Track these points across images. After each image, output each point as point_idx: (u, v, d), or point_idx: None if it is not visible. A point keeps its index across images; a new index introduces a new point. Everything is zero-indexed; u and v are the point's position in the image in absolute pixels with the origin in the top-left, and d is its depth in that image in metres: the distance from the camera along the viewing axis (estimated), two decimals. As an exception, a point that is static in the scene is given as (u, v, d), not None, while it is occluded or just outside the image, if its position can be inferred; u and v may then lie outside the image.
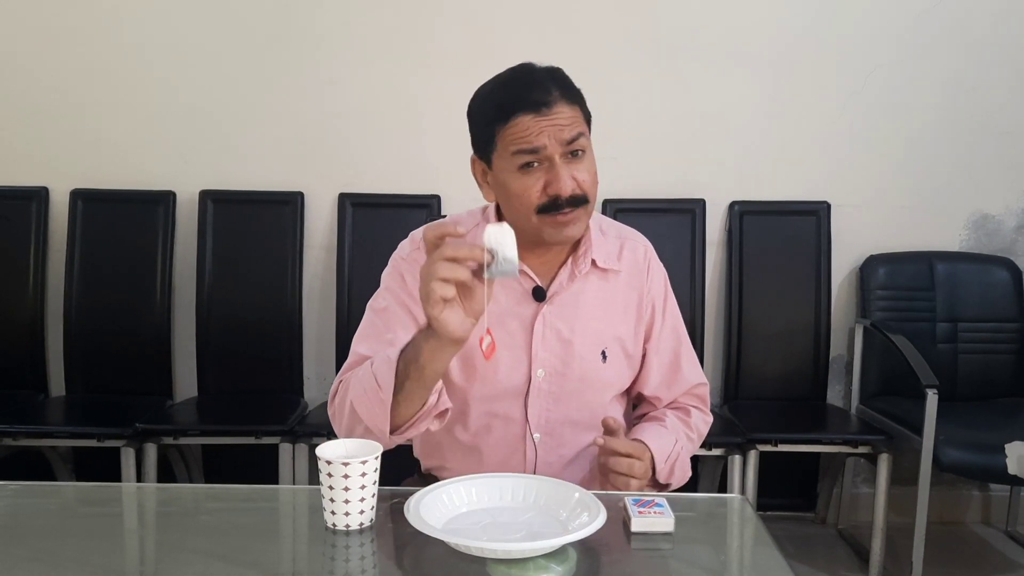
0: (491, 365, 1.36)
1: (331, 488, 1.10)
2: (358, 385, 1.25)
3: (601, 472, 1.30)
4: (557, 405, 1.39)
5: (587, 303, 1.40)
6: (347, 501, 1.11)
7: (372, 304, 1.40)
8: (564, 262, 1.39)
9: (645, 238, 1.50)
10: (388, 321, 1.36)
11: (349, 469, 1.09)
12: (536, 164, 1.27)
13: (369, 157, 2.80)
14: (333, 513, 1.12)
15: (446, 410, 1.30)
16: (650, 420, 1.46)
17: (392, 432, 1.24)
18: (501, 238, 1.07)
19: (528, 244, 1.33)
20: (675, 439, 1.39)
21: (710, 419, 1.53)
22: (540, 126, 1.25)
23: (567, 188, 1.27)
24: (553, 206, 1.27)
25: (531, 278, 1.38)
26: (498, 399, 1.38)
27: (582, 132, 1.29)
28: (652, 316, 1.46)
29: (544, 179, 1.27)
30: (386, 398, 1.19)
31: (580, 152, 1.29)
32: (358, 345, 1.36)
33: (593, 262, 1.39)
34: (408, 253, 1.40)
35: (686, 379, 1.49)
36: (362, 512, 1.12)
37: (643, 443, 1.32)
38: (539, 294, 1.37)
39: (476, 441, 1.40)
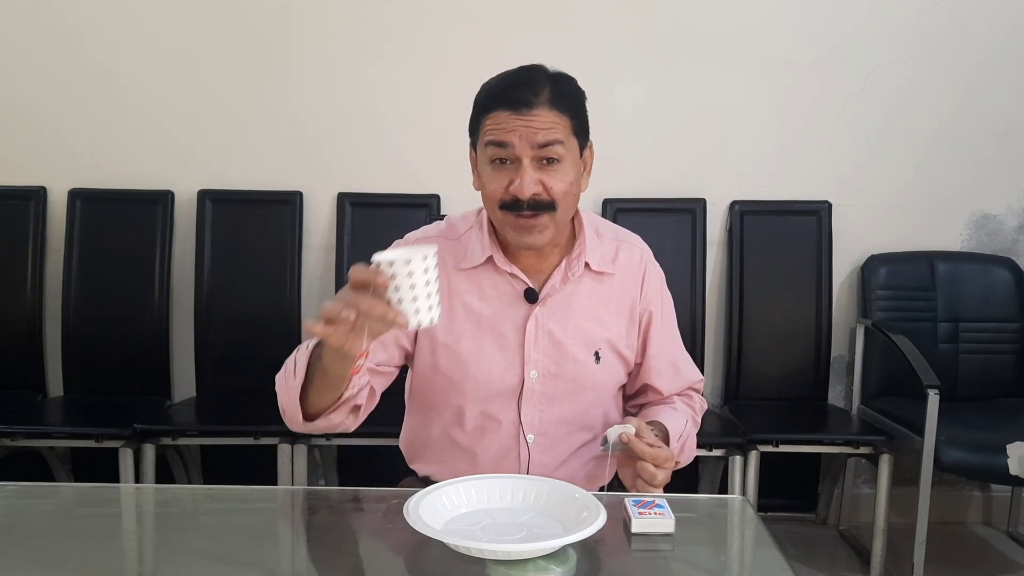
0: (484, 367, 1.37)
1: (397, 289, 1.02)
2: (282, 370, 1.29)
3: (620, 465, 1.30)
4: (550, 406, 1.39)
5: (579, 304, 1.40)
6: (415, 299, 1.03)
7: None
8: (557, 264, 1.40)
9: (643, 242, 1.51)
10: None
11: (412, 266, 1.02)
12: (508, 162, 1.29)
13: (368, 157, 2.79)
14: (417, 312, 1.04)
15: (359, 406, 1.31)
16: (659, 404, 1.48)
17: (307, 419, 1.27)
18: (619, 430, 1.24)
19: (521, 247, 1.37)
20: (685, 419, 1.43)
21: (706, 404, 1.58)
22: (513, 124, 1.26)
23: (527, 190, 1.27)
24: (513, 206, 1.29)
25: (523, 280, 1.38)
26: (492, 400, 1.38)
27: (559, 140, 1.28)
28: (649, 321, 1.47)
29: (510, 177, 1.29)
30: (296, 386, 1.23)
31: (554, 160, 1.29)
32: None
33: (587, 265, 1.40)
34: None
35: (686, 379, 1.52)
36: (431, 308, 1.05)
37: (669, 450, 1.29)
38: (531, 296, 1.38)
39: (471, 443, 1.41)
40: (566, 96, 1.30)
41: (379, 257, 1.02)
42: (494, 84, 1.32)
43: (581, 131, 1.33)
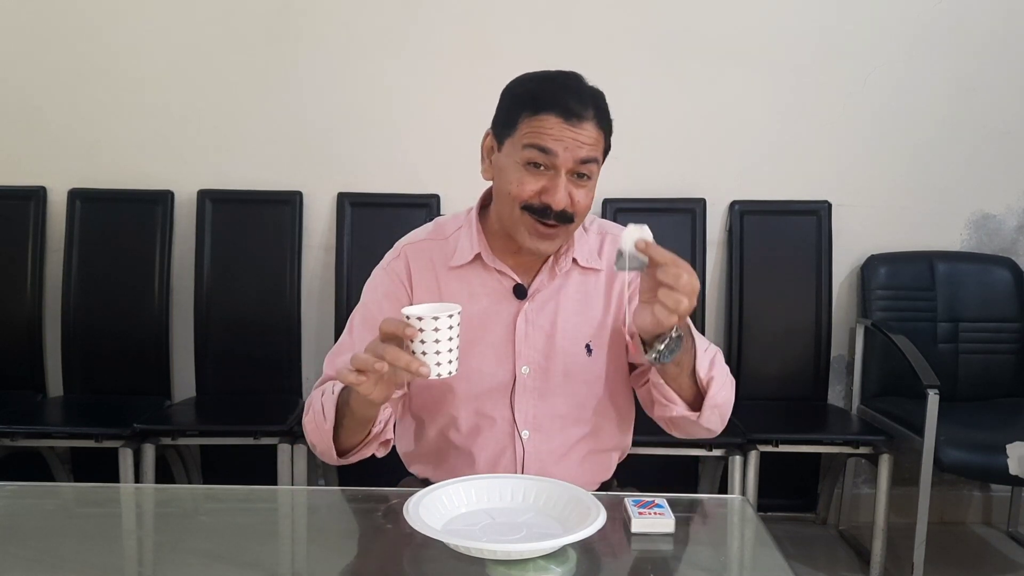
0: (475, 365, 1.37)
1: (422, 343, 1.11)
2: (310, 412, 1.33)
3: (637, 309, 1.19)
4: (543, 401, 1.39)
5: (568, 298, 1.41)
6: (438, 352, 1.11)
7: (351, 317, 1.45)
8: (545, 260, 1.41)
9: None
10: (353, 338, 1.40)
11: (439, 323, 1.10)
12: (543, 168, 1.28)
13: (368, 157, 2.79)
14: (438, 364, 1.12)
15: (388, 440, 1.37)
16: None
17: (339, 455, 1.32)
18: (634, 235, 1.15)
19: (510, 244, 1.38)
20: (708, 343, 1.34)
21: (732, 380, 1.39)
22: (563, 132, 1.26)
23: (561, 202, 1.28)
24: (541, 212, 1.29)
25: (511, 277, 1.39)
26: (485, 398, 1.39)
27: (596, 159, 1.30)
28: (632, 297, 1.44)
29: (543, 184, 1.28)
30: (328, 428, 1.28)
31: (586, 176, 1.30)
32: (328, 363, 1.42)
33: (574, 260, 1.41)
34: (388, 263, 1.44)
35: None
36: (451, 362, 1.13)
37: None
38: (520, 292, 1.39)
39: (467, 443, 1.41)
40: (604, 114, 1.31)
41: (409, 311, 1.11)
42: (541, 85, 1.31)
43: (607, 151, 1.35)
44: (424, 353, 1.10)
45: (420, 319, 1.09)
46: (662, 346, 1.19)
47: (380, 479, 1.40)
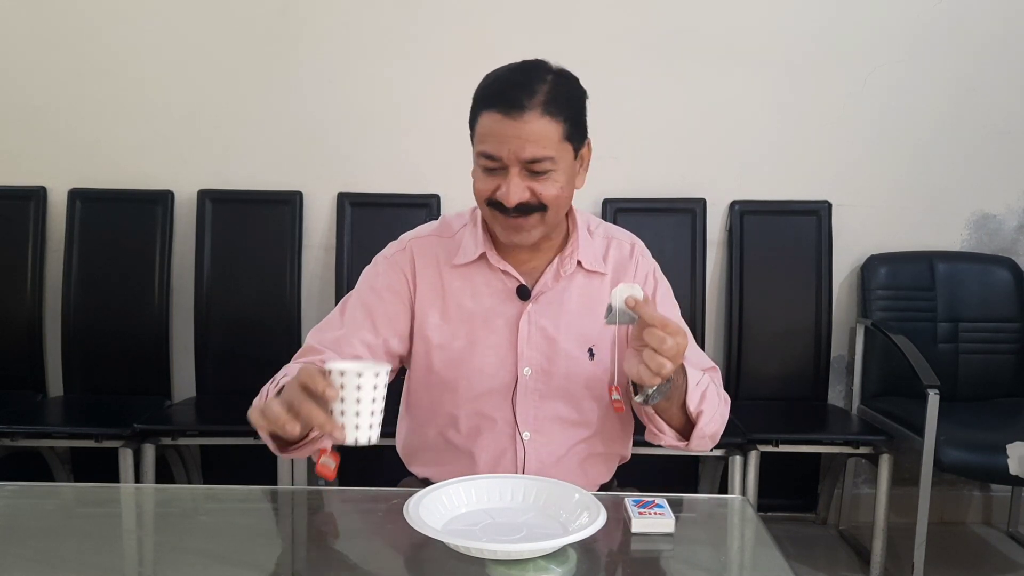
0: (477, 365, 1.37)
1: (342, 400, 1.03)
2: (257, 399, 1.27)
3: (627, 354, 1.20)
4: (544, 403, 1.39)
5: (572, 301, 1.40)
6: (358, 413, 1.04)
7: (345, 298, 1.44)
8: (550, 262, 1.40)
9: (634, 236, 1.50)
10: (344, 318, 1.39)
11: (362, 380, 1.03)
12: (496, 170, 1.27)
13: (368, 157, 2.80)
14: (357, 427, 1.04)
15: (325, 449, 1.29)
16: None
17: (281, 450, 1.26)
18: (625, 292, 1.16)
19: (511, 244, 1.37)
20: (701, 375, 1.33)
21: (728, 398, 1.41)
22: (503, 133, 1.23)
23: (513, 199, 1.26)
24: (500, 206, 1.29)
25: (515, 277, 1.39)
26: (486, 399, 1.38)
27: (547, 156, 1.25)
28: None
29: (498, 182, 1.28)
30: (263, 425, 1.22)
31: (541, 172, 1.26)
32: (311, 337, 1.39)
33: (579, 263, 1.40)
34: (392, 253, 1.44)
35: (689, 362, 1.42)
36: (371, 427, 1.05)
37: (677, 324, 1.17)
38: (524, 293, 1.38)
39: (467, 444, 1.40)
40: (563, 98, 1.26)
41: (332, 366, 1.03)
42: (492, 80, 1.30)
43: (576, 134, 1.29)
44: (343, 412, 1.03)
45: (343, 374, 1.02)
46: (651, 390, 1.21)
47: (380, 479, 1.40)
